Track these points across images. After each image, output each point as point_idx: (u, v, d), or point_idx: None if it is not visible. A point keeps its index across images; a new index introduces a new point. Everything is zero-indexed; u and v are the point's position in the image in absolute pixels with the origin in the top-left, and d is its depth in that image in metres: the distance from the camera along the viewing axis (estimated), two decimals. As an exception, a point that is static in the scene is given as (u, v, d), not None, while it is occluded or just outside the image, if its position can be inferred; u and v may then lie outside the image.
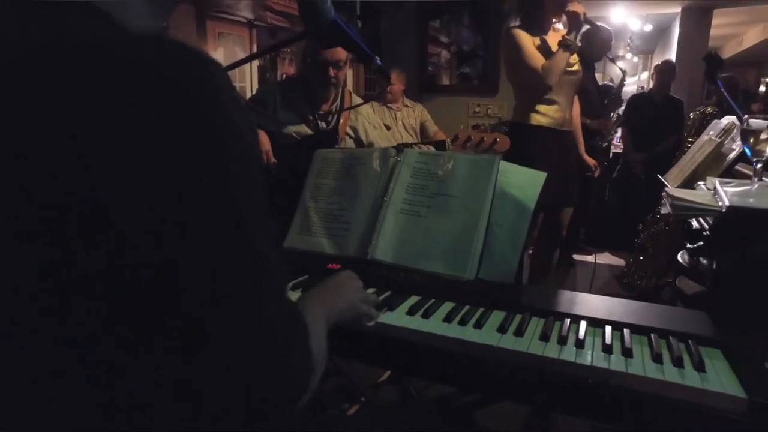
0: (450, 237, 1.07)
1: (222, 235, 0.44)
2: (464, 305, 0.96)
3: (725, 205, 0.89)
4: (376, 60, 1.06)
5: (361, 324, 0.87)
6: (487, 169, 1.09)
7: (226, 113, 0.44)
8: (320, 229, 1.23)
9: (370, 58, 1.05)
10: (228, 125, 0.44)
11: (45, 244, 0.40)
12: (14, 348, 0.42)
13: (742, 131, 1.11)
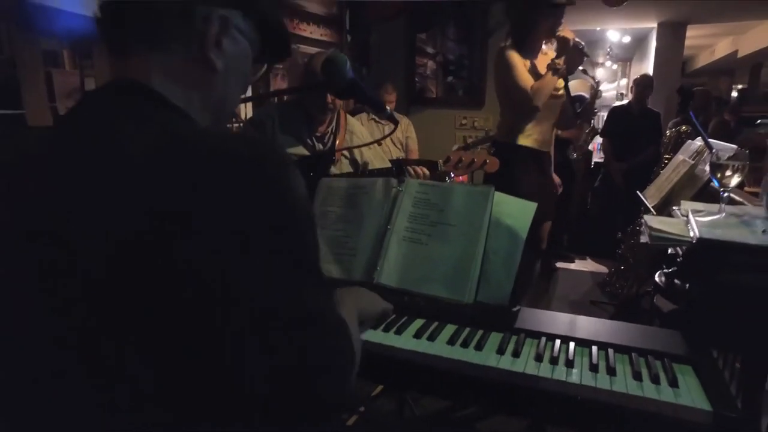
0: (450, 263, 1.17)
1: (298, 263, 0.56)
2: (465, 327, 1.06)
3: (696, 237, 1.00)
4: (387, 109, 1.15)
5: (374, 347, 0.96)
6: (482, 200, 1.19)
7: (286, 186, 0.56)
8: (327, 255, 1.32)
9: (382, 108, 1.14)
10: (293, 195, 0.56)
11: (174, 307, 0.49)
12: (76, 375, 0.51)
13: (711, 164, 1.22)
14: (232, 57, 0.66)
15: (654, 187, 2.18)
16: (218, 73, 0.65)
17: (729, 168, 1.18)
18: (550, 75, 2.24)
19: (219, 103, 0.68)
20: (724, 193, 1.22)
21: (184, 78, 0.63)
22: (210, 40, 0.63)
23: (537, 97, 2.22)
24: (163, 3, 0.61)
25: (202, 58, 0.63)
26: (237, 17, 0.65)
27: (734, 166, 1.16)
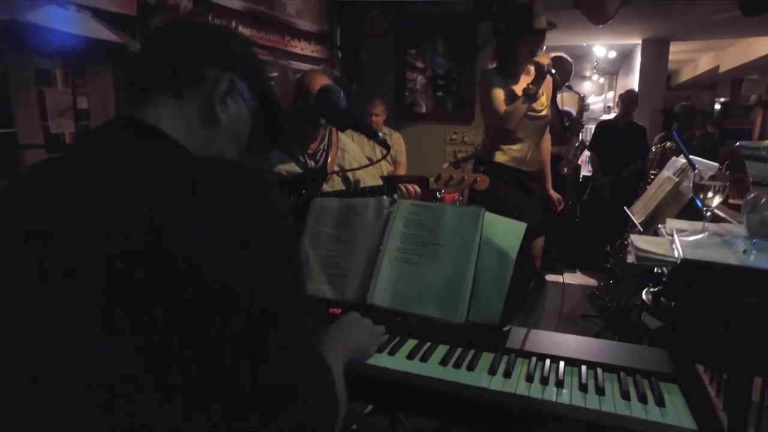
0: (441, 283, 1.19)
1: (280, 287, 0.57)
2: (457, 347, 1.07)
3: (680, 257, 1.03)
4: (379, 135, 1.18)
5: (368, 368, 0.98)
6: (473, 221, 1.21)
7: (272, 211, 0.59)
8: (320, 275, 1.33)
9: (374, 134, 1.17)
10: (275, 221, 0.59)
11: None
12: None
13: (694, 185, 1.26)
14: (234, 116, 0.75)
15: (641, 203, 2.22)
16: (221, 125, 0.73)
17: (710, 189, 1.21)
18: (521, 101, 2.31)
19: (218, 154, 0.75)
20: (707, 213, 1.26)
21: (189, 123, 0.71)
22: (217, 96, 0.72)
23: (509, 120, 2.31)
24: (185, 59, 0.71)
25: (208, 109, 0.72)
26: (242, 85, 0.75)
27: (716, 187, 1.20)
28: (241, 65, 0.75)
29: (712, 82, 10.13)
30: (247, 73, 0.76)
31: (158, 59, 0.72)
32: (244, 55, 0.77)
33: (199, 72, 0.71)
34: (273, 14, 3.37)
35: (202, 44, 0.73)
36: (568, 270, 4.38)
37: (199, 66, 0.71)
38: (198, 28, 0.77)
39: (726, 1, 3.47)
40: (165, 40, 0.74)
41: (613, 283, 3.02)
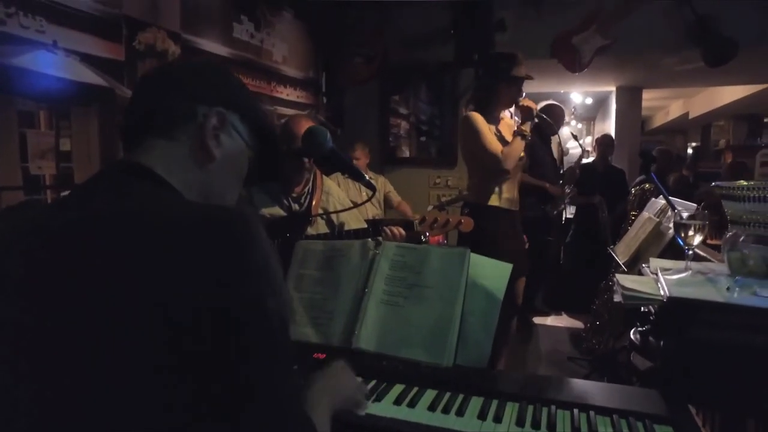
0: (428, 326, 1.17)
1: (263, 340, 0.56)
2: (445, 392, 1.04)
3: (666, 296, 1.03)
4: (365, 177, 1.19)
5: (354, 416, 0.93)
6: (458, 262, 1.21)
7: (254, 258, 0.57)
8: (304, 318, 1.30)
9: (360, 176, 1.17)
10: (259, 267, 0.57)
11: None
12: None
13: (675, 224, 1.28)
14: (229, 150, 0.75)
15: (623, 244, 2.25)
16: (215, 161, 0.73)
17: (691, 228, 1.23)
18: (519, 140, 2.35)
19: (217, 195, 0.76)
20: (689, 251, 1.27)
21: (184, 163, 0.71)
22: (208, 131, 0.72)
23: (507, 161, 2.32)
24: (172, 100, 0.72)
25: (202, 146, 0.72)
26: (234, 117, 0.75)
27: (696, 226, 1.22)
28: (230, 98, 0.75)
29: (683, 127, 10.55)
30: (236, 104, 0.75)
31: (146, 104, 0.73)
32: (231, 88, 0.77)
33: (188, 111, 0.71)
34: (260, 61, 3.45)
35: (188, 83, 0.73)
36: (553, 312, 4.36)
37: (187, 105, 0.72)
38: (183, 69, 0.78)
39: (692, 53, 3.65)
40: (151, 85, 0.74)
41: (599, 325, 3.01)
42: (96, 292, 0.52)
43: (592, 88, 6.43)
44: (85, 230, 0.57)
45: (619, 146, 5.40)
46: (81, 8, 2.21)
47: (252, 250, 0.57)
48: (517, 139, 2.35)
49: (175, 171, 0.69)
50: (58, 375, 0.52)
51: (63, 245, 0.56)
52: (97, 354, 0.51)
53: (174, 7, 2.72)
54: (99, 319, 0.52)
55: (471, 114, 2.42)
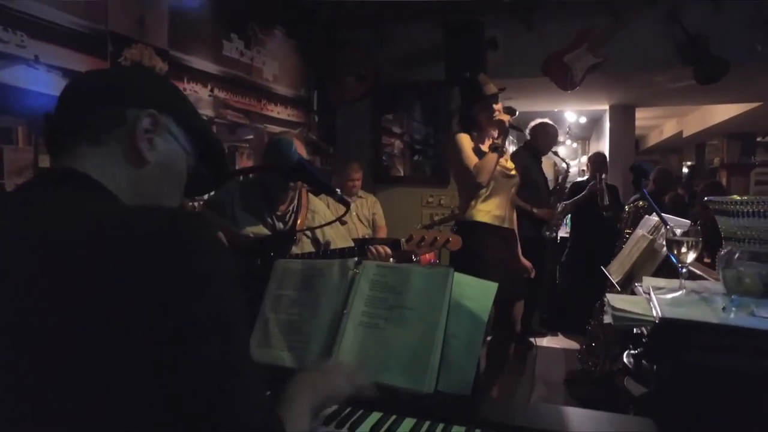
0: (408, 349, 1.10)
1: (217, 343, 0.54)
2: (425, 421, 0.97)
3: (658, 316, 0.97)
4: (337, 192, 1.14)
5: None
6: (441, 282, 1.14)
7: (208, 260, 0.55)
8: (280, 341, 1.23)
9: (331, 191, 1.12)
10: (212, 270, 0.55)
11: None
12: None
13: (668, 240, 1.23)
14: (164, 154, 0.71)
15: (617, 263, 2.19)
16: (149, 164, 0.69)
17: (684, 245, 1.18)
18: (491, 153, 2.39)
19: (155, 197, 0.72)
20: (683, 269, 1.22)
21: (115, 168, 0.68)
22: (140, 134, 0.68)
23: (479, 173, 2.35)
24: (99, 104, 0.68)
25: (133, 149, 0.68)
26: (168, 120, 0.72)
27: (689, 243, 1.17)
28: (162, 100, 0.72)
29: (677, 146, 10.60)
30: (169, 107, 0.72)
31: (72, 110, 0.69)
32: (163, 90, 0.74)
33: (117, 114, 0.68)
34: (250, 79, 3.43)
35: (117, 87, 0.70)
36: (549, 333, 4.28)
37: (115, 108, 0.68)
38: (110, 73, 0.76)
39: (683, 71, 3.65)
40: (78, 90, 0.71)
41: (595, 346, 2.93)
42: (49, 299, 0.51)
43: (585, 106, 6.45)
44: (31, 239, 0.55)
45: (614, 165, 5.39)
46: (64, 23, 2.19)
47: (200, 254, 0.55)
48: (489, 152, 2.40)
49: (108, 176, 0.66)
50: (16, 383, 0.50)
51: (10, 255, 0.54)
52: (48, 363, 0.50)
53: (162, 23, 2.70)
54: (46, 328, 0.50)
55: (457, 134, 2.51)
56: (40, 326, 0.50)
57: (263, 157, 1.96)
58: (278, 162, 1.02)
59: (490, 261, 2.34)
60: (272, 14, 3.60)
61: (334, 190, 1.12)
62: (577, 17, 3.73)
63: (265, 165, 1.58)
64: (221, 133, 3.19)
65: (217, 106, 3.13)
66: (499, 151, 2.39)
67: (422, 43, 4.13)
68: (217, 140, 0.81)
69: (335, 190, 1.12)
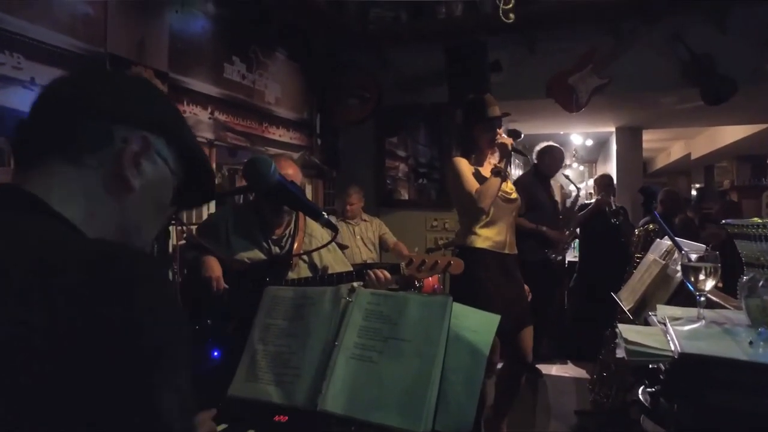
0: (403, 385, 1.01)
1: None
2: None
3: (677, 351, 0.88)
4: (323, 215, 1.07)
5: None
6: (439, 312, 1.06)
7: (152, 314, 0.47)
8: (267, 374, 1.15)
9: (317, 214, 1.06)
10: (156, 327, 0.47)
11: None
12: None
13: (683, 266, 1.14)
14: (151, 179, 0.64)
15: (628, 289, 2.09)
16: (134, 192, 0.62)
17: (702, 271, 1.09)
18: (493, 177, 2.32)
19: (133, 228, 0.65)
20: (701, 298, 1.13)
21: (91, 194, 0.60)
22: (127, 159, 0.61)
23: (481, 198, 2.28)
24: (85, 117, 0.60)
25: (118, 175, 0.61)
26: (159, 143, 0.64)
27: (707, 269, 1.08)
28: (155, 119, 0.64)
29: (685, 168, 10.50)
30: (163, 127, 0.64)
31: (52, 120, 0.60)
32: (158, 108, 0.67)
33: (105, 132, 0.60)
34: (251, 101, 3.40)
35: (107, 98, 0.62)
36: (558, 361, 4.13)
37: (103, 125, 0.60)
38: (101, 80, 0.66)
39: (690, 92, 3.60)
40: (61, 96, 0.62)
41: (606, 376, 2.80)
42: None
43: (591, 129, 6.40)
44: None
45: (621, 188, 5.30)
46: (61, 45, 2.17)
47: (140, 296, 0.47)
48: (492, 177, 2.33)
49: (77, 202, 0.58)
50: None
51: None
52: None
53: (162, 46, 2.69)
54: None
55: (455, 159, 2.46)
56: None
57: (242, 178, 1.91)
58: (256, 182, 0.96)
59: (491, 288, 2.27)
60: (274, 37, 3.60)
61: (320, 213, 1.05)
62: (580, 38, 3.71)
63: (241, 187, 1.52)
64: (222, 155, 3.15)
65: (217, 129, 3.09)
66: (502, 175, 2.33)
67: (425, 66, 4.11)
68: (207, 160, 0.74)
69: (321, 213, 1.06)
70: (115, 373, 0.44)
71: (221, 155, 3.15)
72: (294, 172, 1.90)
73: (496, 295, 2.22)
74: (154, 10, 2.66)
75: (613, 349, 2.75)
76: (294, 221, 1.99)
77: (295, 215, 1.99)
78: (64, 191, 0.58)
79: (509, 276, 2.39)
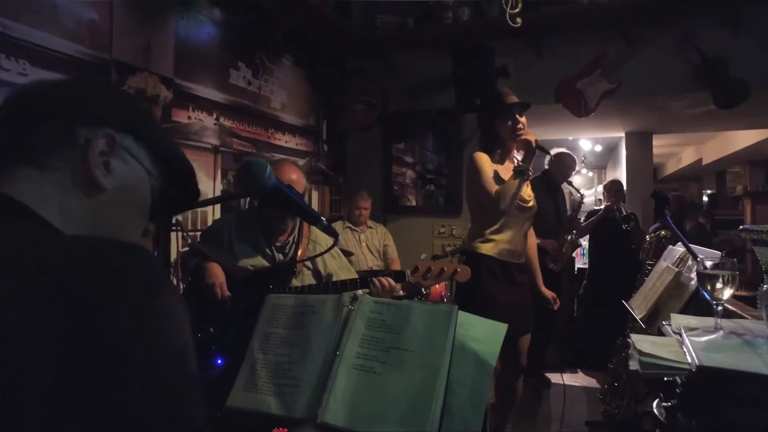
0: (407, 397, 0.97)
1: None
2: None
3: (695, 364, 0.84)
4: (322, 220, 1.04)
5: None
6: (444, 321, 1.02)
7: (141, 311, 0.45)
8: (267, 385, 1.12)
9: (315, 219, 1.02)
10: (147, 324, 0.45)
11: None
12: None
13: (699, 274, 1.10)
14: (124, 179, 0.63)
15: (640, 297, 2.04)
16: (105, 191, 0.61)
17: (719, 279, 1.05)
18: (512, 178, 2.22)
19: (111, 228, 0.63)
20: (718, 307, 1.08)
21: (64, 194, 0.59)
22: (93, 158, 0.60)
23: (501, 199, 2.19)
24: (44, 121, 0.59)
25: (86, 175, 0.60)
26: (127, 140, 0.63)
27: (725, 277, 1.03)
28: (118, 116, 0.63)
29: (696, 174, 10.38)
30: (129, 124, 0.63)
31: (12, 126, 0.60)
32: (120, 105, 0.65)
33: (66, 134, 0.58)
34: (257, 107, 3.39)
35: (64, 101, 0.60)
36: (568, 370, 4.06)
37: (64, 127, 0.59)
38: (59, 85, 0.65)
39: (701, 96, 3.54)
40: (18, 103, 0.61)
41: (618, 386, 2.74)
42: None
43: (600, 134, 6.33)
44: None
45: (631, 195, 5.22)
46: (67, 51, 2.17)
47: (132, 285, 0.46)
48: (512, 176, 2.23)
49: (51, 206, 0.57)
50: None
51: None
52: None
53: (167, 52, 2.68)
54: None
55: (476, 153, 2.34)
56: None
57: (235, 181, 1.88)
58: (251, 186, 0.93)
59: (494, 296, 2.20)
60: (280, 44, 3.59)
61: (319, 218, 1.02)
62: (588, 43, 3.66)
63: (237, 192, 1.49)
64: (227, 162, 3.13)
65: (222, 135, 3.08)
66: (525, 175, 2.21)
67: (432, 72, 4.09)
68: (185, 158, 0.72)
69: (320, 218, 1.02)
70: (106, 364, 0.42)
71: (227, 161, 3.13)
72: (298, 178, 1.87)
73: (501, 302, 2.16)
74: (160, 16, 2.66)
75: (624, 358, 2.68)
76: (298, 228, 1.96)
77: (299, 222, 1.96)
78: (35, 194, 0.57)
79: (513, 284, 2.33)
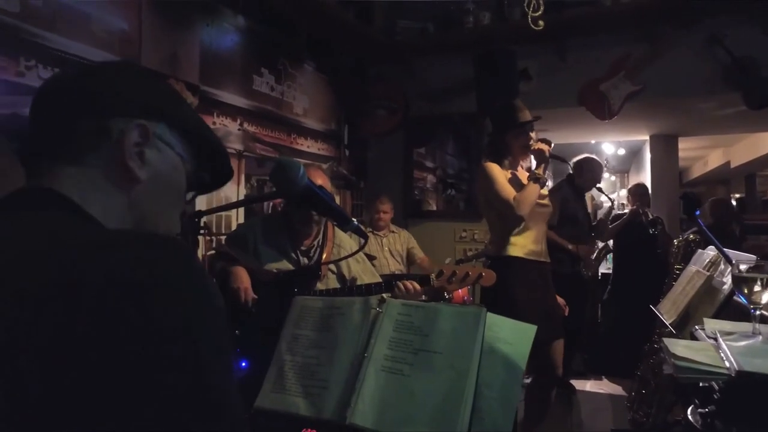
0: (435, 400, 0.97)
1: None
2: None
3: (734, 369, 0.82)
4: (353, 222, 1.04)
5: None
6: (473, 323, 1.02)
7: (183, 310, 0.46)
8: (295, 386, 1.12)
9: (346, 221, 1.03)
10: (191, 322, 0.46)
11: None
12: None
13: (734, 277, 1.07)
14: (159, 168, 0.63)
15: (669, 302, 1.99)
16: (141, 182, 0.61)
17: (756, 282, 1.02)
18: (532, 184, 2.25)
19: (151, 216, 0.64)
20: (755, 311, 1.05)
21: (102, 189, 0.60)
22: (128, 150, 0.60)
23: (520, 206, 2.21)
24: (77, 118, 0.59)
25: (121, 168, 0.60)
26: (160, 128, 0.63)
27: (763, 281, 1.01)
28: (151, 105, 0.63)
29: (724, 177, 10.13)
30: (160, 112, 0.63)
31: (48, 125, 0.60)
32: (151, 92, 0.65)
33: (100, 128, 0.59)
34: (279, 113, 3.43)
35: (95, 95, 0.61)
36: (592, 377, 3.99)
37: (97, 122, 0.59)
38: (87, 77, 0.64)
39: (730, 97, 3.46)
40: (51, 101, 0.61)
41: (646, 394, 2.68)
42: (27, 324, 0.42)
43: (624, 137, 6.24)
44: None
45: (656, 199, 5.13)
46: (99, 60, 2.23)
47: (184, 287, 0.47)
48: (530, 183, 2.25)
49: (92, 200, 0.58)
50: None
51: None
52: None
53: (193, 59, 2.74)
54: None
55: (486, 164, 2.36)
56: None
57: (272, 180, 1.90)
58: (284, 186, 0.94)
59: (526, 299, 2.18)
60: (302, 50, 3.63)
61: (350, 220, 1.03)
62: (612, 44, 3.62)
63: (270, 192, 1.51)
64: (250, 166, 3.18)
65: (246, 140, 3.13)
66: (541, 182, 2.26)
67: (453, 76, 4.08)
68: (216, 139, 0.72)
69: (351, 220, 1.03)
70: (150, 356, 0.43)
71: (250, 166, 3.17)
72: (324, 182, 1.88)
73: (529, 306, 2.14)
74: (187, 25, 2.71)
75: (652, 364, 2.63)
76: (323, 232, 1.98)
77: (324, 226, 1.98)
78: (77, 190, 0.58)
79: (544, 286, 2.31)
